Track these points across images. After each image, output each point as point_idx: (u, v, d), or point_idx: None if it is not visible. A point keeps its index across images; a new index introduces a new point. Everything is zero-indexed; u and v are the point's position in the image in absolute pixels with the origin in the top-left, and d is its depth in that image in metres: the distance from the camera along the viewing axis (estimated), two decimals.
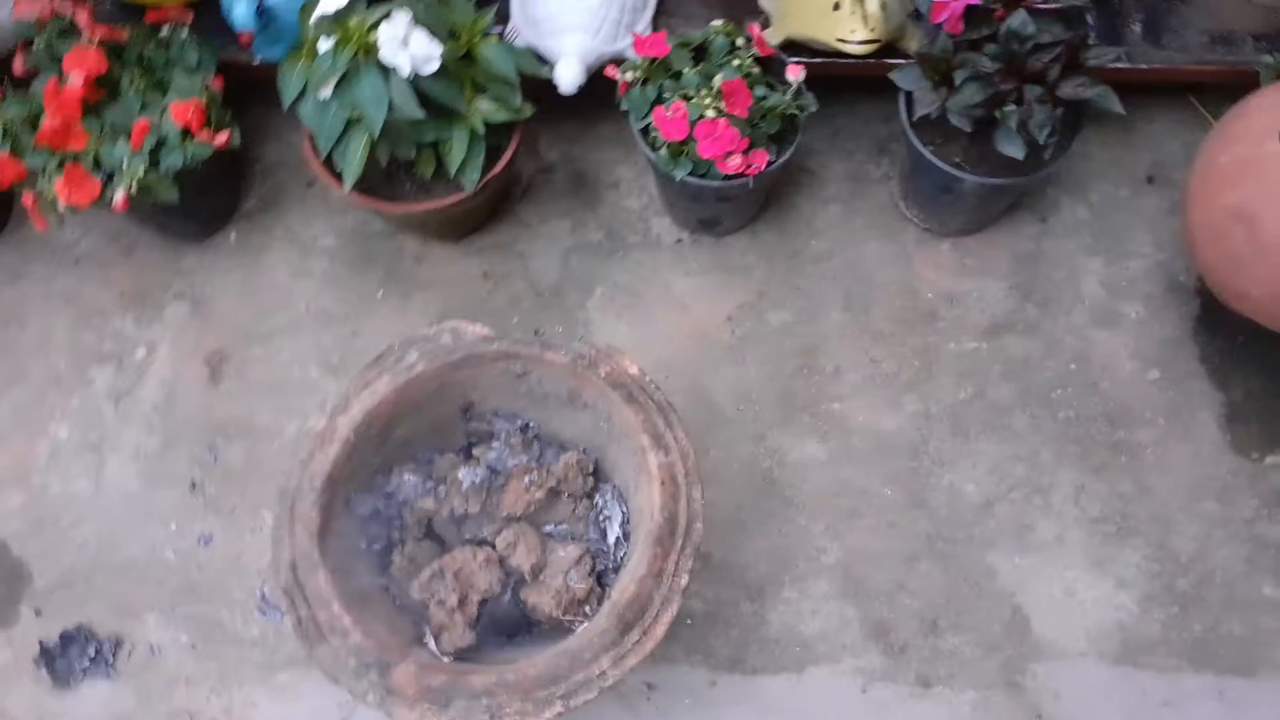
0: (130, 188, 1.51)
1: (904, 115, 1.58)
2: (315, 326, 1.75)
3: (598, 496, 1.43)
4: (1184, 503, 1.58)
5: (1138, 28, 1.72)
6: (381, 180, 1.61)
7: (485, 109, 1.51)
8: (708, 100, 1.48)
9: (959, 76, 1.46)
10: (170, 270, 1.80)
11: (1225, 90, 1.66)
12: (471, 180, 1.54)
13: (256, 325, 1.75)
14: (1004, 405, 1.66)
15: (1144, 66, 1.69)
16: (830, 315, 1.72)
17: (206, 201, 1.75)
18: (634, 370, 1.35)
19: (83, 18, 1.58)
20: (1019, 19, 1.39)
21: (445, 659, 1.27)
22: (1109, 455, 1.62)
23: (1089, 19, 1.71)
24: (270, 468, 1.65)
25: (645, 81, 1.55)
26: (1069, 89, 1.44)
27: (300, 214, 1.84)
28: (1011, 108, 1.43)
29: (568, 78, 1.59)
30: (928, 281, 1.74)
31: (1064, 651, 1.51)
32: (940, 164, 1.54)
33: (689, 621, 1.54)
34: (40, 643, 1.57)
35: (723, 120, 1.46)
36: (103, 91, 1.59)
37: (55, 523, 1.64)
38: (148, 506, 1.64)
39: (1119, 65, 1.64)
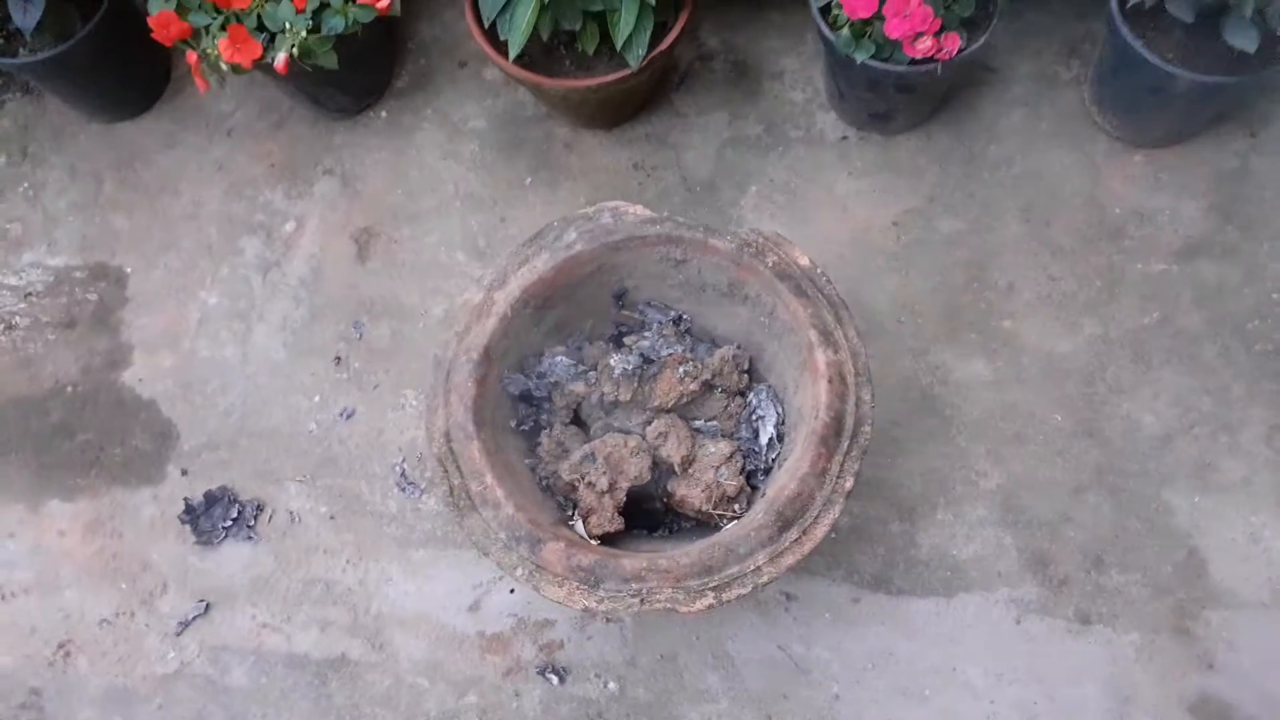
0: (292, 49, 1.48)
1: (1114, 3, 1.43)
2: (463, 210, 1.71)
3: (751, 395, 1.36)
4: None
5: None
6: (541, 55, 1.55)
7: None
8: None
9: None
10: (321, 145, 1.78)
11: None
12: (637, 56, 1.46)
13: (404, 205, 1.73)
14: (1193, 334, 1.52)
15: None
16: (1006, 226, 1.60)
17: (360, 74, 1.71)
18: (805, 261, 1.27)
19: None
20: None
21: (592, 542, 1.23)
22: None
23: None
24: (415, 348, 1.63)
25: None
26: None
27: (451, 95, 1.79)
28: None
29: None
30: (1116, 195, 1.60)
31: (1243, 601, 1.40)
32: (1152, 58, 1.40)
33: (833, 536, 1.47)
34: (185, 501, 1.59)
35: None
36: None
37: (203, 386, 1.66)
38: (292, 377, 1.64)
39: None
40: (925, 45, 1.35)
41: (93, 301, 1.74)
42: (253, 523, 1.58)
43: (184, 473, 1.62)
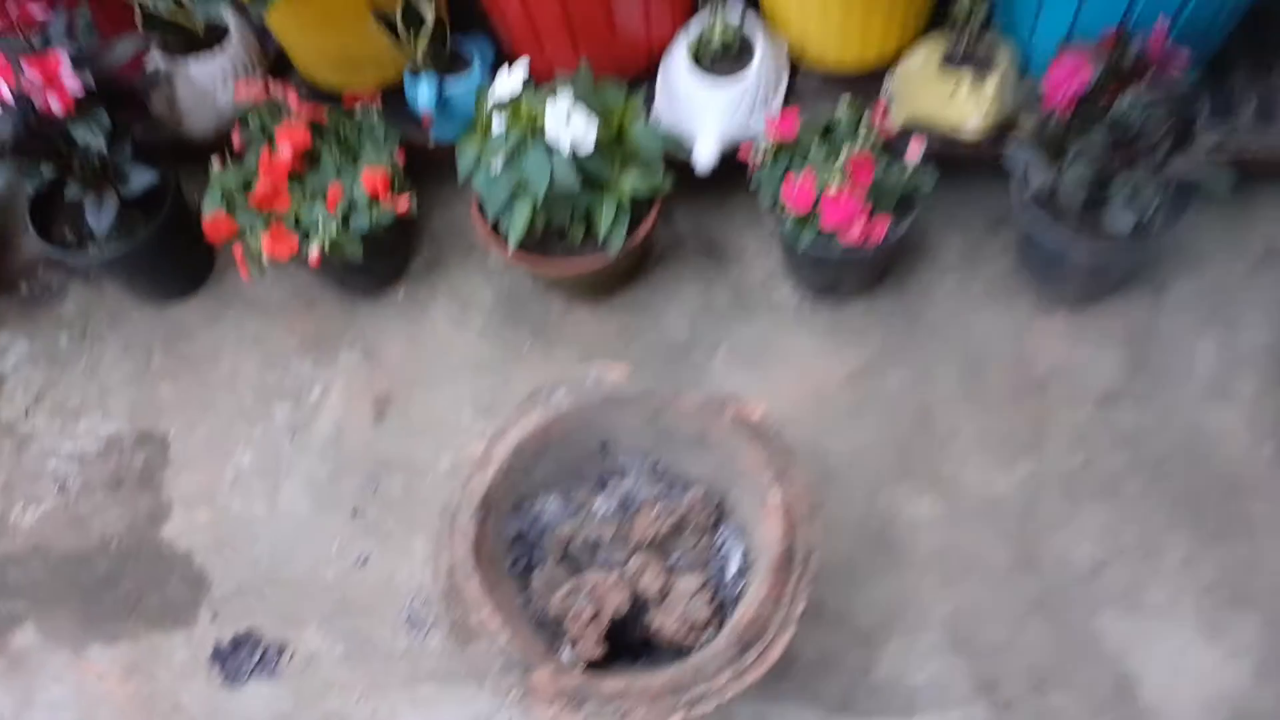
0: (324, 245, 1.74)
1: (1018, 190, 1.68)
2: (471, 374, 1.94)
3: (720, 533, 1.55)
4: None
5: (1251, 109, 1.76)
6: (537, 244, 1.80)
7: (631, 182, 1.70)
8: (833, 173, 1.61)
9: (1070, 154, 1.56)
10: (346, 321, 2.03)
11: None
12: (617, 245, 1.71)
13: (419, 372, 1.96)
14: (1115, 472, 1.71)
15: (1254, 148, 1.73)
16: (946, 380, 1.81)
17: (382, 262, 1.98)
18: (757, 416, 1.47)
19: (292, 99, 1.84)
20: (1128, 102, 1.49)
21: (578, 668, 1.39)
22: (1223, 525, 1.64)
23: (1203, 99, 1.74)
24: (423, 498, 1.82)
25: (775, 158, 1.70)
26: (1177, 168, 1.52)
27: (461, 275, 2.05)
28: (1120, 184, 1.52)
29: (704, 157, 1.77)
30: (1042, 350, 1.82)
31: (1172, 718, 1.53)
32: (1052, 237, 1.64)
33: (797, 663, 1.62)
34: (215, 644, 1.76)
35: (846, 193, 1.60)
36: (306, 163, 1.84)
37: (233, 539, 1.85)
38: (314, 529, 1.84)
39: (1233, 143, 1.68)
40: (856, 233, 1.60)
41: (138, 463, 1.95)
42: (275, 663, 1.74)
43: (214, 617, 1.79)
